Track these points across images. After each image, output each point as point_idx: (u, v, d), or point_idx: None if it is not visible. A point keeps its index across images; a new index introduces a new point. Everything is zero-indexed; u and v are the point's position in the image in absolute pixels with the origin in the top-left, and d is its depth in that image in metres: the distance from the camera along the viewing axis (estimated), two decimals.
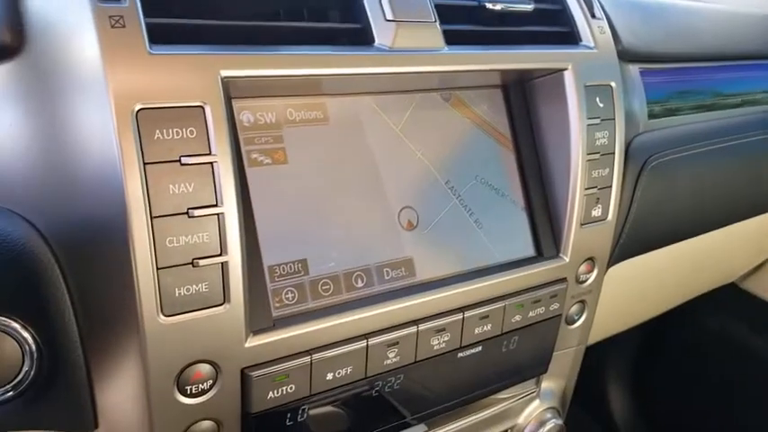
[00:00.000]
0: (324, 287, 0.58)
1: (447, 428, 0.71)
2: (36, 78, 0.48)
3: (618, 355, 1.74)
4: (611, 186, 0.72)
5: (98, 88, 0.45)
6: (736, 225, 1.08)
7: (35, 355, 0.50)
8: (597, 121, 0.69)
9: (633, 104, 0.84)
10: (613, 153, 0.71)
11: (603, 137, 0.70)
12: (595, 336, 1.31)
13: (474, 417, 0.73)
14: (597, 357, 1.73)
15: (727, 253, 1.31)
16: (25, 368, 0.50)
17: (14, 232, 0.47)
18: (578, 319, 0.77)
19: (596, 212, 0.71)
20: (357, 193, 0.60)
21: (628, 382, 1.75)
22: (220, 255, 0.48)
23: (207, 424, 0.53)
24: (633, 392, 1.76)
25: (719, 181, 0.93)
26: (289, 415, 0.56)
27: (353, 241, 0.60)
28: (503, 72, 0.67)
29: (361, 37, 0.57)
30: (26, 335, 0.50)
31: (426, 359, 0.62)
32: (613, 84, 0.71)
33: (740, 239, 1.26)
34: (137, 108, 0.45)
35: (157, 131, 0.45)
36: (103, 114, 0.44)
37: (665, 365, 1.71)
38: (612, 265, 0.83)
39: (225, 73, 0.48)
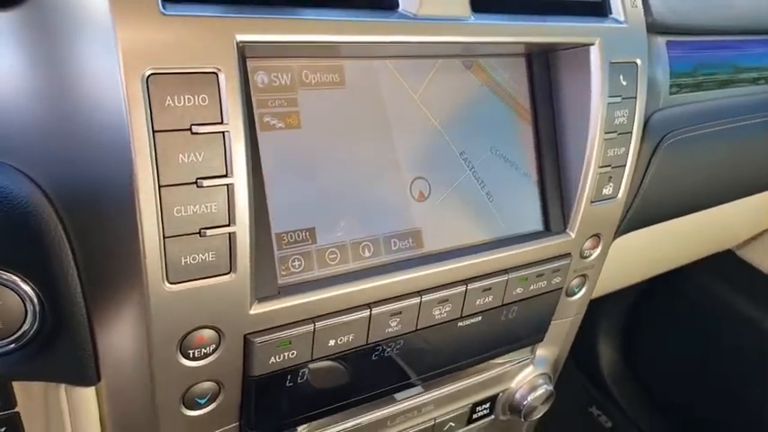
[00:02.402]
0: (331, 256, 0.57)
1: (442, 390, 0.73)
2: (44, 28, 0.45)
3: (609, 313, 1.77)
4: (624, 166, 0.71)
5: (108, 49, 0.42)
6: None
7: (38, 311, 0.50)
8: (618, 99, 0.67)
9: (656, 77, 0.81)
10: (631, 132, 0.70)
11: (623, 116, 0.68)
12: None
13: (468, 380, 0.75)
14: (590, 311, 1.76)
15: (728, 222, 1.31)
16: (27, 324, 0.50)
17: (18, 190, 0.46)
18: (578, 291, 0.78)
19: (607, 191, 0.70)
20: (370, 162, 0.59)
21: (617, 338, 1.79)
22: (228, 225, 0.48)
23: (208, 384, 0.53)
24: (622, 348, 1.79)
25: (733, 159, 0.91)
26: (289, 377, 0.57)
27: (363, 211, 0.59)
28: (528, 42, 0.64)
29: (384, 1, 0.54)
30: (30, 291, 0.49)
31: (427, 327, 0.63)
32: (639, 61, 0.68)
33: (742, 210, 1.25)
34: (147, 73, 0.43)
35: (168, 98, 0.44)
36: (113, 77, 0.43)
37: (654, 324, 1.73)
38: (616, 238, 0.83)
39: (240, 37, 0.46)
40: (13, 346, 0.50)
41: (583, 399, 1.83)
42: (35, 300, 0.50)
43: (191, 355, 0.51)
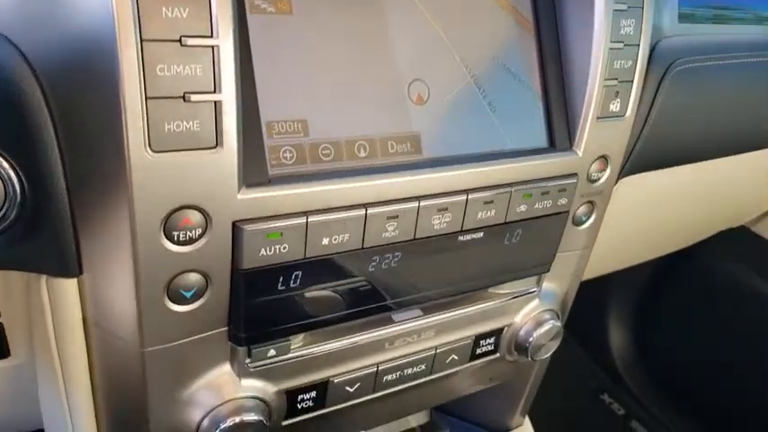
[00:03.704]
0: (324, 152, 0.55)
1: (442, 316, 0.70)
2: None
3: (621, 294, 1.73)
4: (632, 81, 0.68)
5: None
6: (752, 162, 1.05)
7: (18, 192, 0.48)
8: (624, 6, 0.65)
9: (664, 6, 0.80)
10: (638, 45, 0.67)
11: (629, 25, 0.66)
12: (602, 268, 1.29)
13: (470, 308, 0.71)
14: (601, 294, 1.72)
15: (740, 192, 1.28)
16: (7, 205, 0.48)
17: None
18: (586, 220, 0.75)
19: (614, 107, 0.68)
20: (365, 58, 0.57)
21: (629, 321, 1.75)
22: (214, 92, 0.46)
23: (195, 276, 0.51)
24: (633, 332, 1.75)
25: (746, 98, 0.89)
26: (281, 278, 0.55)
27: (358, 109, 0.57)
28: None
29: None
30: (9, 171, 0.48)
31: (426, 238, 0.60)
32: None
33: (756, 178, 1.22)
34: None
35: None
36: None
37: (667, 307, 1.69)
38: (626, 174, 0.80)
39: None
40: None
41: (594, 386, 1.78)
42: (14, 180, 0.48)
43: (175, 238, 0.48)
